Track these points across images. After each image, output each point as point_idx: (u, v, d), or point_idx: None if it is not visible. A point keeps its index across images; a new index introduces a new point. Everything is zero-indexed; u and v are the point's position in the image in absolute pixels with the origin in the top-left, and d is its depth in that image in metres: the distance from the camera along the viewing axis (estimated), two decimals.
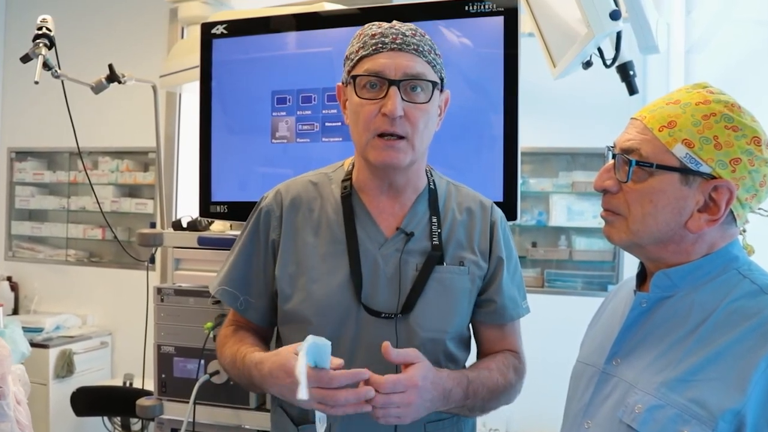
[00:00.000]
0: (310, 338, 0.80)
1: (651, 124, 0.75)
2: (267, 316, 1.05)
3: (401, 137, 0.92)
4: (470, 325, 1.05)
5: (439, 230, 0.99)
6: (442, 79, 0.96)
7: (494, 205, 1.06)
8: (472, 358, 1.06)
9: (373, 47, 0.92)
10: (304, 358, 0.78)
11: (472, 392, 0.93)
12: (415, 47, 0.92)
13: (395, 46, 0.91)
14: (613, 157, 0.79)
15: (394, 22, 0.95)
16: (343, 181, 1.03)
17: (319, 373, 0.80)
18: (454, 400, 0.91)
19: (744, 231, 0.78)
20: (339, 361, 0.82)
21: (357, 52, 0.93)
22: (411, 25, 0.95)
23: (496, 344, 1.04)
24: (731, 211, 0.73)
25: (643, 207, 0.75)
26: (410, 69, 0.91)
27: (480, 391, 0.94)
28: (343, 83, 0.99)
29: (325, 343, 0.80)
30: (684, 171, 0.72)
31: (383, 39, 0.92)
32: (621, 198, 0.77)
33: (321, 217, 1.01)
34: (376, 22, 0.96)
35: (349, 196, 1.00)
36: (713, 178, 0.72)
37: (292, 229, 1.01)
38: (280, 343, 1.05)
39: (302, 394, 0.76)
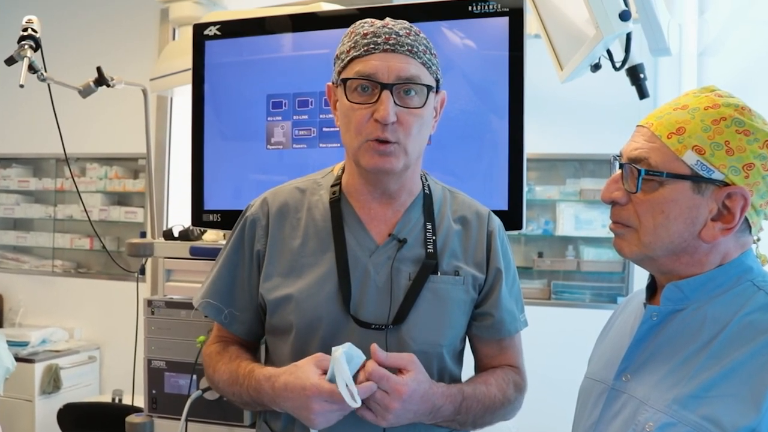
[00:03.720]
0: (346, 347, 0.81)
1: (659, 131, 0.73)
2: (253, 330, 1.01)
3: (394, 142, 0.88)
4: (464, 339, 1.01)
5: (434, 237, 0.95)
6: (437, 81, 0.93)
7: (491, 213, 1.03)
8: (466, 371, 1.03)
9: (365, 48, 0.87)
10: (346, 367, 0.79)
11: (465, 408, 0.90)
12: (410, 48, 0.88)
13: (388, 46, 0.87)
14: (620, 166, 0.77)
15: (387, 19, 0.91)
16: (332, 186, 0.99)
17: (335, 392, 0.80)
18: (442, 416, 0.89)
19: (758, 240, 0.77)
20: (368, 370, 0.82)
21: (348, 52, 0.89)
22: (405, 23, 0.91)
23: (495, 359, 1.01)
24: (746, 219, 0.73)
25: (655, 218, 0.74)
26: (404, 72, 0.87)
27: (474, 407, 0.91)
28: (333, 83, 0.95)
29: (360, 356, 0.81)
30: (696, 179, 0.71)
31: (375, 39, 0.87)
32: (631, 209, 0.76)
33: (308, 225, 0.97)
34: (369, 20, 0.91)
35: (338, 201, 0.97)
36: (726, 185, 0.71)
37: (278, 238, 0.97)
38: (268, 356, 1.02)
39: (353, 402, 0.78)
